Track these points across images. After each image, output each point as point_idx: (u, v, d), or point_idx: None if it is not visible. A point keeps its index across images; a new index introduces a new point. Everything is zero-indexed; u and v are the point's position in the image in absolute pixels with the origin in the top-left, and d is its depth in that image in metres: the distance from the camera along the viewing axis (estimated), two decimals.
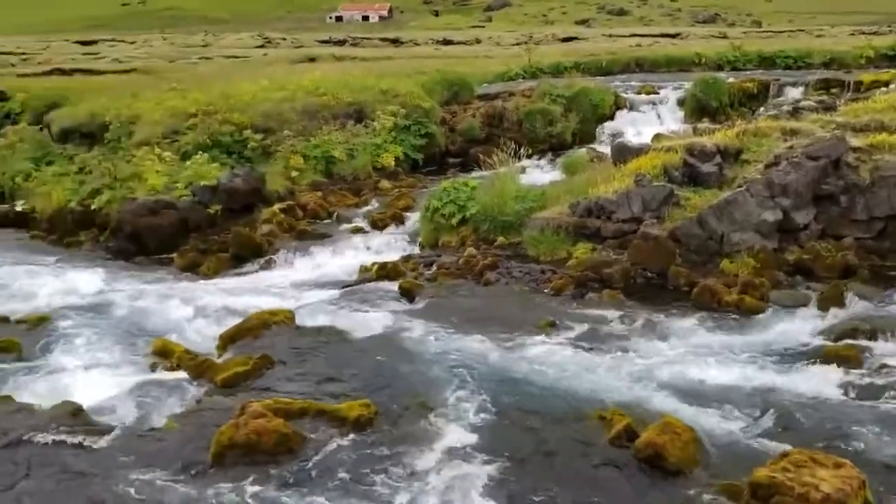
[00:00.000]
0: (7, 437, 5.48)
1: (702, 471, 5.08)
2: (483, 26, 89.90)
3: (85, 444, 5.55)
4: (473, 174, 12.57)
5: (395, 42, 49.38)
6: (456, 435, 5.61)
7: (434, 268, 9.40)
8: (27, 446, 5.40)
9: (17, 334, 7.99)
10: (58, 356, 7.50)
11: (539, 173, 13.59)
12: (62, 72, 29.07)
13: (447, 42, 46.99)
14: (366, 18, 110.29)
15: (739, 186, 9.11)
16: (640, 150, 10.54)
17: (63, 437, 5.57)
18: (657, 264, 8.70)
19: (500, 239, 9.96)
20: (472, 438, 5.56)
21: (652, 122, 17.15)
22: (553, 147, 16.60)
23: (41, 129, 17.61)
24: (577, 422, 5.72)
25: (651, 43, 36.16)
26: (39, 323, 8.40)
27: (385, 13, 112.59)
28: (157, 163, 13.01)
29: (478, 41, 47.42)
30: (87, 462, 5.27)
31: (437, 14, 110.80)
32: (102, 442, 5.60)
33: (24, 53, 45.64)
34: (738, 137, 10.21)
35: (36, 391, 6.64)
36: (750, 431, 5.58)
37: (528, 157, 12.62)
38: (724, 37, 36.99)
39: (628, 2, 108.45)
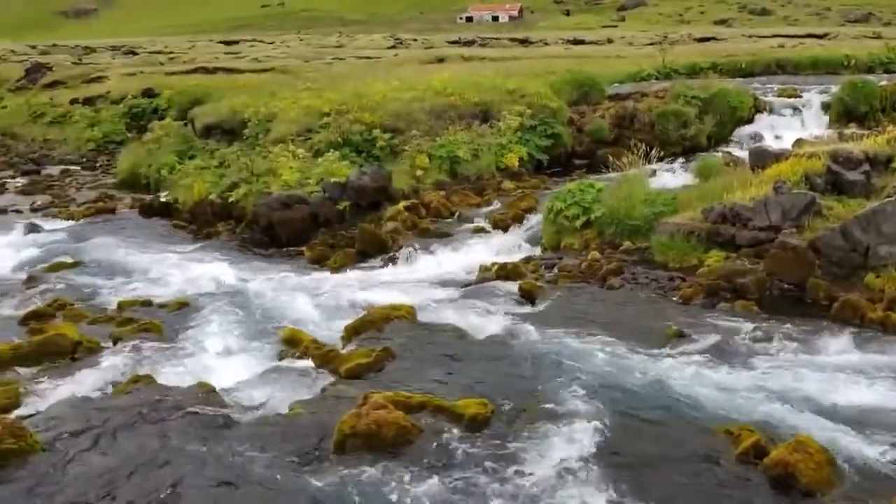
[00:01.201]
0: (146, 413, 5.83)
1: (836, 495, 4.77)
2: (615, 26, 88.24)
3: (217, 423, 5.82)
4: (600, 176, 12.33)
5: (524, 42, 49.25)
6: (573, 440, 5.51)
7: (555, 270, 9.28)
8: (164, 422, 5.72)
9: (159, 317, 8.50)
10: (194, 339, 7.92)
11: (670, 177, 13.17)
12: (206, 70, 30.77)
13: (577, 42, 46.44)
14: (495, 19, 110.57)
15: (889, 196, 8.50)
16: (779, 156, 10.05)
17: (197, 415, 5.86)
18: (795, 276, 8.23)
19: (627, 243, 9.72)
20: (590, 445, 5.44)
21: (793, 127, 16.35)
22: (686, 150, 16.08)
23: (185, 125, 18.68)
24: (701, 435, 5.50)
25: (795, 44, 34.43)
26: (179, 307, 8.91)
27: (515, 13, 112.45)
28: (291, 159, 13.52)
29: (609, 41, 46.59)
30: (219, 440, 5.53)
31: (567, 14, 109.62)
32: (233, 422, 5.86)
33: (171, 53, 48.63)
34: (890, 144, 9.54)
35: (174, 371, 7.04)
36: (892, 457, 5.18)
37: (660, 159, 12.21)
38: (878, 37, 34.72)
39: (771, 1, 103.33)
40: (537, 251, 10.50)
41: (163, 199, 15.05)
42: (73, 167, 21.14)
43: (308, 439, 5.55)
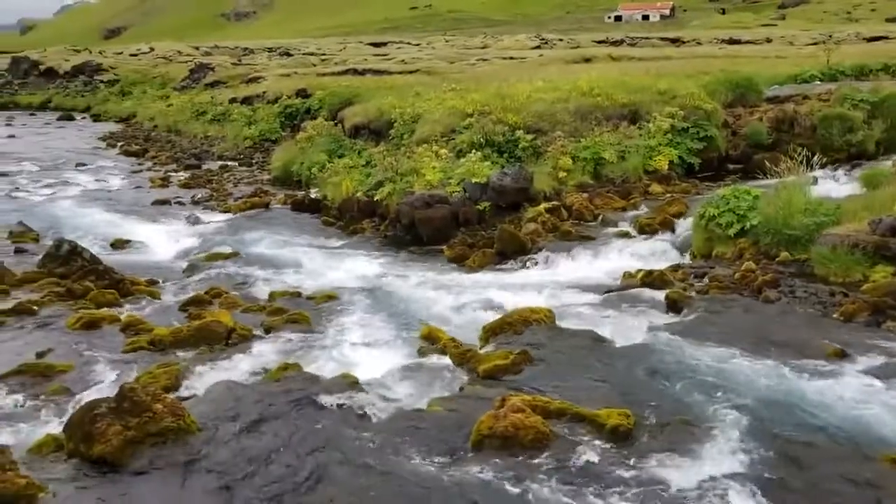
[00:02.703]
0: (295, 400, 6.04)
1: None
2: (775, 24, 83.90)
3: (360, 414, 5.96)
4: (756, 182, 11.69)
5: (676, 41, 47.74)
6: (719, 459, 5.23)
7: (705, 280, 8.87)
8: (311, 410, 5.91)
9: (307, 308, 8.82)
10: (339, 331, 8.16)
11: (833, 185, 12.31)
12: (355, 71, 31.85)
13: (733, 41, 44.53)
14: (646, 18, 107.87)
15: None
16: None
17: (341, 405, 6.02)
18: None
19: (784, 254, 9.15)
20: (737, 465, 5.14)
21: None
22: (851, 157, 14.95)
23: (335, 125, 19.36)
24: (860, 462, 5.07)
25: None
26: (326, 300, 9.21)
27: (666, 12, 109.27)
28: (434, 159, 13.71)
29: (768, 40, 44.37)
30: (361, 431, 5.65)
31: (723, 12, 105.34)
32: (373, 415, 5.98)
33: (323, 55, 50.69)
34: None
35: (320, 361, 7.27)
36: None
37: (822, 166, 11.43)
38: None
39: None
40: (686, 259, 10.09)
41: (313, 196, 15.67)
42: (230, 163, 22.44)
43: (445, 437, 5.57)
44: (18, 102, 52.01)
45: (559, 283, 9.69)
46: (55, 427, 5.89)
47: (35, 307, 9.03)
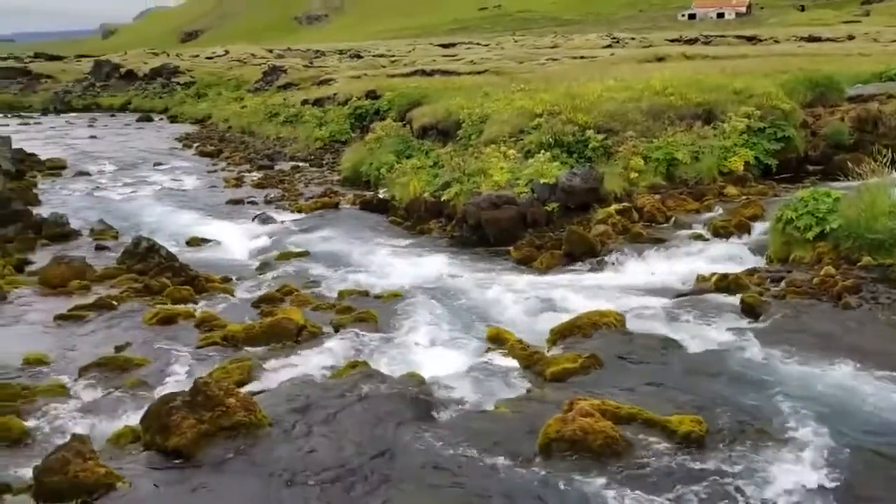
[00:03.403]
0: (363, 398, 6.09)
1: None
2: (858, 21, 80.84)
3: (427, 413, 5.97)
4: (837, 184, 11.27)
5: (752, 39, 46.50)
6: (797, 470, 5.05)
7: (782, 284, 8.58)
8: (379, 408, 5.93)
9: (375, 307, 8.90)
10: (406, 330, 8.20)
11: None
12: (424, 73, 32.02)
13: (812, 39, 43.09)
14: (720, 16, 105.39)
15: None
16: None
17: (409, 404, 6.03)
18: None
19: (866, 259, 8.77)
20: (814, 477, 4.96)
21: None
22: None
23: (404, 125, 19.47)
24: None
25: None
26: (393, 298, 9.27)
27: (743, 9, 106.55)
28: (502, 160, 13.64)
29: (850, 38, 42.79)
30: (429, 430, 5.67)
31: (802, 9, 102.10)
32: (440, 415, 5.99)
33: (393, 56, 51.17)
34: None
35: (387, 360, 7.31)
36: None
37: None
38: None
39: None
40: (762, 263, 9.77)
41: (381, 196, 15.80)
42: (301, 164, 22.83)
43: (512, 439, 5.53)
44: (100, 104, 54.07)
45: (629, 286, 9.52)
46: (133, 419, 6.08)
47: (114, 302, 9.36)
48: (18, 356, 7.63)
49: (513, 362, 7.09)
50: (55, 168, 23.21)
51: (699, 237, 10.95)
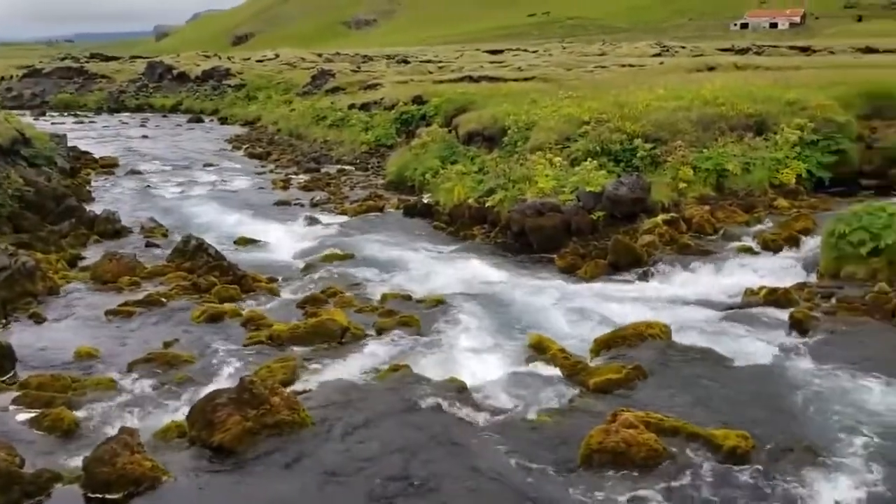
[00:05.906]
0: (404, 401, 6.12)
1: None
2: None
3: (468, 419, 5.97)
4: (893, 199, 10.99)
5: (806, 50, 45.59)
6: (843, 490, 4.95)
7: (833, 300, 8.39)
8: (420, 412, 5.97)
9: (417, 311, 8.92)
10: (448, 335, 8.20)
11: None
12: (471, 79, 32.01)
13: (870, 50, 42.03)
14: (774, 25, 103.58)
15: None
16: None
17: (450, 409, 6.05)
18: None
19: None
20: (862, 498, 4.87)
21: None
22: None
23: (449, 131, 19.50)
24: None
25: None
26: (435, 304, 9.28)
27: (797, 20, 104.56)
28: (548, 167, 13.58)
29: None
30: (469, 436, 5.66)
31: (859, 19, 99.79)
32: (481, 421, 5.97)
33: (440, 62, 51.30)
34: None
35: (429, 364, 7.31)
36: None
37: None
38: None
39: None
40: (812, 278, 9.56)
41: (425, 201, 15.84)
42: (347, 167, 23.02)
43: (554, 448, 5.50)
44: (153, 104, 55.18)
45: (676, 297, 9.40)
46: (179, 414, 6.19)
47: (163, 299, 9.55)
48: (70, 349, 7.84)
49: (555, 371, 7.04)
50: (108, 166, 23.78)
51: (748, 250, 10.75)
